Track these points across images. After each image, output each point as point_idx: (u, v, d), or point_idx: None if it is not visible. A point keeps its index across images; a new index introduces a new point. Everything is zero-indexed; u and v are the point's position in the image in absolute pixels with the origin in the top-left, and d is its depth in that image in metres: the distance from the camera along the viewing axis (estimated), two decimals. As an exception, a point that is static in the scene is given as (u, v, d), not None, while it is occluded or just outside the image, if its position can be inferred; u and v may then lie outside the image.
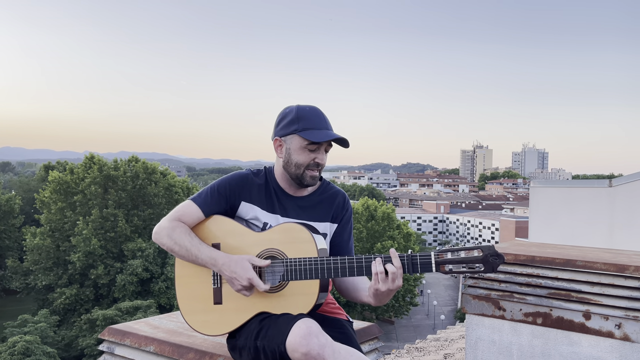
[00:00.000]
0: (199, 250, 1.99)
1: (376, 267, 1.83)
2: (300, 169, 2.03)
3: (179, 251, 2.02)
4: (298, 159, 2.03)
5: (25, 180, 55.57)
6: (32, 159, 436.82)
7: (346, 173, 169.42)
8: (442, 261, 1.80)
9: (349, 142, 2.05)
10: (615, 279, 2.45)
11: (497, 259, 1.77)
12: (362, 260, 1.88)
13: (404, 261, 1.83)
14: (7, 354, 21.99)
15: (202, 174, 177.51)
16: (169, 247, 2.03)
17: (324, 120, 2.04)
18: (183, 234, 2.02)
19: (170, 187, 36.18)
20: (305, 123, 2.02)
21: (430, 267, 1.80)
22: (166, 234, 2.03)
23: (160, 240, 2.05)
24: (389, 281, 1.83)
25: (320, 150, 2.04)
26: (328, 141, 2.04)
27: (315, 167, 2.04)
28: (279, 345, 1.78)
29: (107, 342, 2.57)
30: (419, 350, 4.45)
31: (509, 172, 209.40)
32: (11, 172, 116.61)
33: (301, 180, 2.05)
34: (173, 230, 2.03)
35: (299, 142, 2.02)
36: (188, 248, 2.00)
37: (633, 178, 6.68)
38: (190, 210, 2.06)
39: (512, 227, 58.65)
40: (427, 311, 51.89)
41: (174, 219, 2.06)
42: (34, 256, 32.68)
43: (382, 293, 1.86)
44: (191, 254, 2.00)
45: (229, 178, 2.13)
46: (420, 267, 1.82)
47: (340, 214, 2.17)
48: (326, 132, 2.02)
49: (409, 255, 1.83)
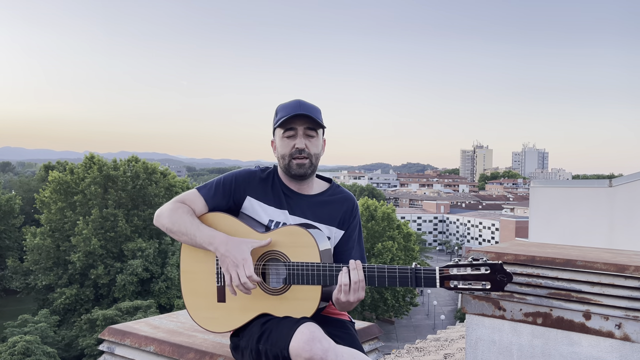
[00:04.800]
0: (199, 229, 1.98)
1: (342, 278, 1.82)
2: (285, 160, 2.04)
3: (178, 230, 2.00)
4: (281, 150, 2.04)
5: (25, 180, 55.51)
6: (32, 159, 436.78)
7: (346, 173, 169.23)
8: (447, 277, 1.75)
9: (318, 120, 2.01)
10: (615, 279, 2.45)
11: (504, 277, 1.71)
12: (366, 270, 1.83)
13: (408, 275, 1.79)
14: (7, 354, 21.97)
15: (202, 174, 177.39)
16: (167, 227, 2.02)
17: (298, 107, 2.01)
18: (184, 213, 2.01)
19: (170, 187, 36.16)
20: (280, 114, 2.04)
21: (435, 282, 1.76)
22: (167, 215, 2.02)
23: (160, 222, 2.04)
24: (350, 293, 1.81)
25: (297, 136, 2.01)
26: (305, 126, 2.01)
27: (299, 154, 2.01)
28: (281, 350, 1.76)
29: (107, 342, 2.57)
30: (419, 350, 4.45)
31: (509, 172, 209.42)
32: (11, 172, 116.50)
33: (289, 170, 2.04)
34: (175, 210, 2.02)
35: (278, 133, 2.05)
36: (187, 226, 1.99)
37: (633, 178, 6.68)
38: (195, 199, 2.06)
39: (512, 227, 58.67)
40: (427, 311, 51.88)
41: (177, 201, 2.06)
42: (34, 256, 32.64)
43: (342, 303, 1.85)
44: (189, 233, 1.98)
45: (236, 173, 2.13)
46: (424, 281, 1.77)
47: (347, 221, 2.14)
48: (290, 113, 1.99)
49: (413, 268, 1.78)
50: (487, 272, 1.72)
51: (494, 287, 1.72)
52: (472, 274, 1.73)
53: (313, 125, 2.03)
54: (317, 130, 2.05)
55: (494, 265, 1.72)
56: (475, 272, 1.73)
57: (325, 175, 2.20)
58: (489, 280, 1.72)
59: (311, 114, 2.00)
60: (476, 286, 1.73)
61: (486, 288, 1.72)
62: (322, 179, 2.20)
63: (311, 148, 2.03)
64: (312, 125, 2.03)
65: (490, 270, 1.72)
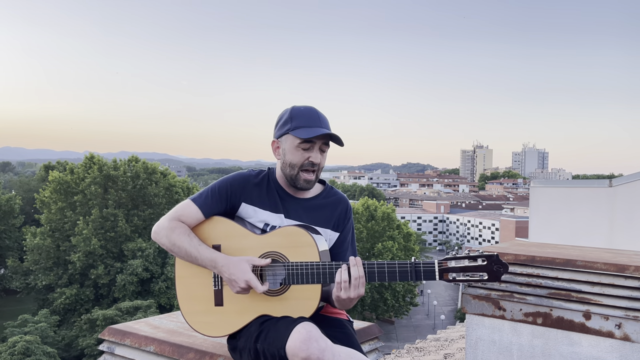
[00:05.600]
0: (198, 251, 1.98)
1: (340, 275, 1.83)
2: (294, 170, 2.01)
3: (178, 252, 2.01)
4: (292, 158, 2.01)
5: (25, 180, 55.52)
6: (32, 159, 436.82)
7: (346, 173, 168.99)
8: (446, 269, 1.79)
9: (342, 140, 2.02)
10: (615, 279, 2.45)
11: (501, 267, 1.76)
12: (365, 267, 1.85)
13: (407, 269, 1.81)
14: (7, 354, 21.98)
15: (202, 174, 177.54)
16: (167, 247, 2.03)
17: (317, 119, 2.01)
18: (182, 234, 2.01)
19: (170, 187, 36.18)
20: (298, 122, 2.00)
21: (434, 275, 1.79)
22: (165, 235, 2.02)
23: (159, 240, 2.05)
24: (350, 289, 1.82)
25: (314, 149, 2.00)
26: (323, 141, 2.01)
27: (310, 168, 2.01)
28: (279, 350, 1.77)
29: (107, 342, 2.57)
30: (419, 350, 4.45)
31: (509, 172, 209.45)
32: (11, 172, 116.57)
33: (295, 182, 2.03)
34: (172, 231, 2.02)
35: (292, 141, 2.00)
36: (187, 249, 1.99)
37: (633, 178, 6.68)
38: (190, 211, 2.05)
39: (512, 227, 58.65)
40: (427, 311, 51.89)
41: (174, 219, 2.04)
42: (34, 256, 32.66)
43: (343, 300, 1.86)
44: (190, 256, 1.99)
45: (230, 178, 2.10)
46: (424, 275, 1.80)
47: (342, 223, 2.15)
48: (317, 129, 1.98)
49: (412, 263, 1.81)
50: (484, 263, 1.77)
51: (491, 278, 1.76)
52: (470, 265, 1.78)
53: (329, 140, 2.03)
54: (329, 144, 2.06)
55: (490, 256, 1.77)
56: (472, 263, 1.78)
57: (326, 175, 2.20)
58: (486, 271, 1.77)
59: (331, 130, 2.00)
60: (474, 277, 1.77)
61: (484, 279, 1.77)
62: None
63: (322, 162, 2.04)
64: (329, 140, 2.03)
65: (487, 262, 1.77)
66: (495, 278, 1.76)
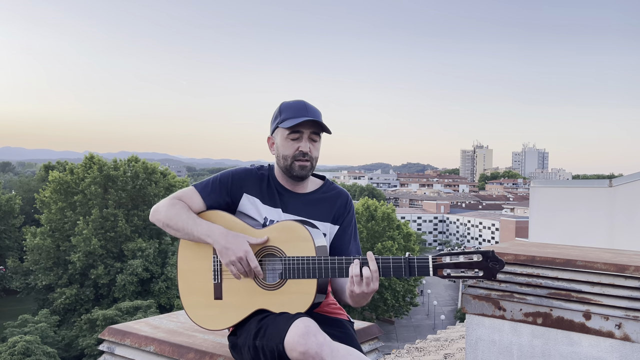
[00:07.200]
0: (196, 223, 1.99)
1: (352, 269, 1.83)
2: (287, 161, 2.04)
3: (175, 225, 2.01)
4: (284, 151, 2.04)
5: (25, 180, 55.52)
6: (32, 159, 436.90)
7: (346, 173, 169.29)
8: (440, 265, 1.76)
9: (327, 126, 2.03)
10: (615, 279, 2.45)
11: (496, 264, 1.72)
12: (359, 261, 1.86)
13: (401, 264, 1.80)
14: (7, 354, 21.98)
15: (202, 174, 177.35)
16: (164, 222, 2.03)
17: (304, 109, 2.03)
18: (181, 209, 2.03)
19: (170, 187, 36.15)
20: (285, 114, 2.04)
21: (428, 270, 1.77)
22: (164, 211, 2.03)
23: (156, 217, 2.05)
24: (363, 284, 1.81)
25: (302, 138, 2.02)
26: (311, 130, 2.03)
27: (302, 157, 2.03)
28: (277, 345, 1.77)
29: (107, 342, 2.57)
30: (419, 350, 4.45)
31: (509, 172, 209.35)
32: (11, 172, 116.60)
33: (290, 171, 2.05)
34: (172, 206, 2.04)
35: (282, 133, 2.04)
36: (184, 221, 2.00)
37: (633, 178, 6.67)
38: (192, 196, 2.08)
39: (512, 227, 58.61)
40: (427, 311, 51.86)
41: (174, 198, 2.07)
42: (34, 256, 32.66)
43: (357, 295, 1.85)
44: (187, 227, 2.00)
45: (232, 171, 2.14)
46: (418, 270, 1.79)
47: (342, 216, 2.15)
48: (301, 118, 2.00)
49: (406, 258, 1.80)
50: (480, 260, 1.73)
51: (487, 274, 1.73)
52: (465, 262, 1.74)
53: (319, 130, 2.05)
54: (320, 135, 2.07)
55: (486, 253, 1.73)
56: (467, 260, 1.74)
57: (326, 175, 2.22)
58: (481, 267, 1.73)
59: (318, 119, 2.02)
60: (469, 274, 1.74)
61: (479, 276, 1.73)
62: (316, 177, 2.21)
63: (313, 152, 2.05)
64: (318, 130, 2.05)
65: (482, 258, 1.73)
66: (491, 275, 1.73)
